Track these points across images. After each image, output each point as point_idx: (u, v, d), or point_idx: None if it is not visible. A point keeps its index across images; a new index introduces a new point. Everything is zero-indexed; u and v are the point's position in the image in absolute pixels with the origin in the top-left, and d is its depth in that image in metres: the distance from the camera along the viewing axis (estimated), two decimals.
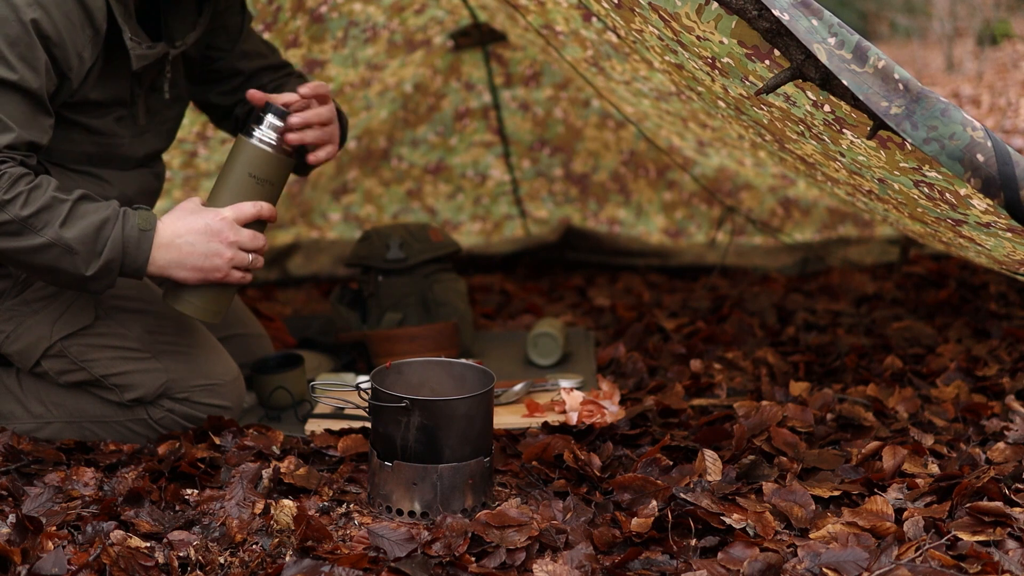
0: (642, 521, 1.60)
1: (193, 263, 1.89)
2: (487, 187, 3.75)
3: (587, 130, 3.61)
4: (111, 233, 1.82)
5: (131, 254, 1.85)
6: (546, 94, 3.52)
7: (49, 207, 1.79)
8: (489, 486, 1.75)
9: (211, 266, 1.90)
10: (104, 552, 1.50)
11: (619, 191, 3.75)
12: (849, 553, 1.49)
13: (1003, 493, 1.66)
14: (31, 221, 1.78)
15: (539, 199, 3.80)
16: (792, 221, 3.70)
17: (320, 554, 1.53)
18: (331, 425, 2.09)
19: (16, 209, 1.77)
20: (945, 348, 2.51)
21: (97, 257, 1.82)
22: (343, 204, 3.69)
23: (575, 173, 3.73)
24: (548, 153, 3.69)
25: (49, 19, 1.78)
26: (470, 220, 3.83)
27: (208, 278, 1.91)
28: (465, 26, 3.26)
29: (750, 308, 3.01)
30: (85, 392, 2.05)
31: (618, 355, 2.54)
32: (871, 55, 1.44)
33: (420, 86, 3.45)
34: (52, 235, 1.79)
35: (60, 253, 1.80)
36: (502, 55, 3.41)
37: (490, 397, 1.74)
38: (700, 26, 1.60)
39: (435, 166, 3.68)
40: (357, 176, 3.63)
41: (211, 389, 2.06)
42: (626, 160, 3.68)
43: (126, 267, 1.86)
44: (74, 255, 1.81)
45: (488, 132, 3.62)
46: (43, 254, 1.81)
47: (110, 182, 2.03)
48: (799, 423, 2.01)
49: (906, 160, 1.61)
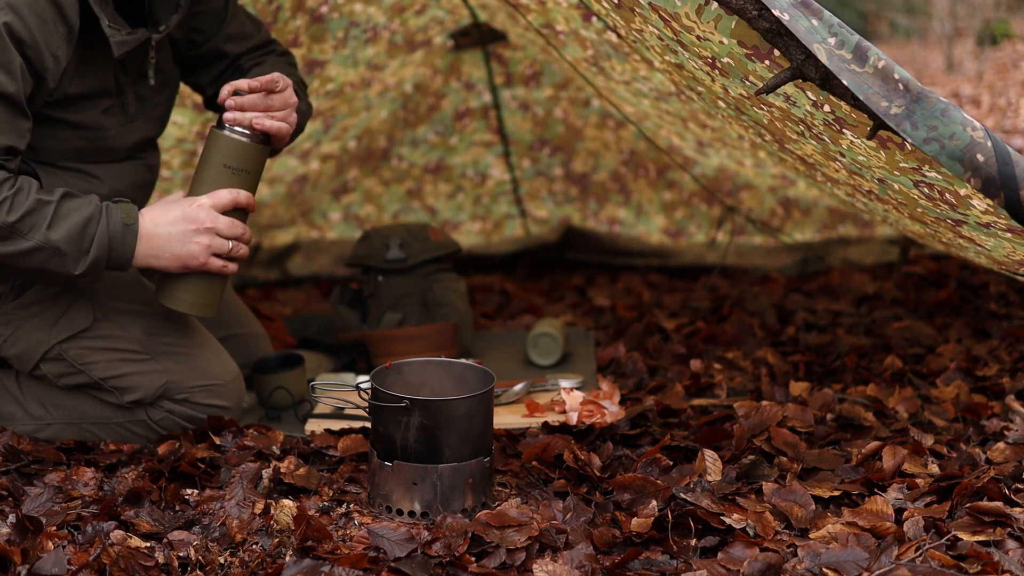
0: (642, 521, 1.60)
1: (172, 251, 1.91)
2: (487, 187, 3.75)
3: (587, 130, 3.61)
4: (96, 230, 1.84)
5: (116, 249, 1.87)
6: (546, 94, 3.52)
7: (35, 210, 1.80)
8: (489, 486, 1.75)
9: (188, 253, 1.91)
10: (104, 552, 1.50)
11: (619, 191, 3.75)
12: (849, 553, 1.49)
13: (1003, 493, 1.66)
14: (18, 226, 1.79)
15: (539, 199, 3.80)
16: (792, 221, 3.70)
17: (320, 554, 1.53)
18: (331, 425, 2.09)
19: (3, 215, 1.77)
20: (945, 348, 2.51)
21: (85, 255, 1.84)
22: (343, 204, 3.69)
23: (575, 173, 3.73)
24: (548, 153, 3.69)
25: (21, 22, 1.77)
26: (470, 220, 3.83)
27: (188, 265, 1.93)
28: (465, 26, 3.26)
29: (750, 308, 3.01)
30: (84, 394, 2.05)
31: (618, 355, 2.54)
32: (871, 55, 1.44)
33: (420, 86, 3.45)
34: (40, 238, 1.80)
35: (49, 255, 1.82)
36: (502, 55, 3.41)
37: (490, 397, 1.74)
38: (700, 26, 1.60)
39: (435, 166, 3.68)
40: (357, 176, 3.63)
41: (211, 390, 2.06)
42: (626, 160, 3.68)
43: (112, 261, 1.88)
44: (63, 256, 1.82)
45: (488, 132, 3.62)
46: (32, 257, 1.82)
47: (100, 178, 2.01)
48: (799, 423, 2.01)
49: (906, 160, 1.61)
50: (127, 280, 2.08)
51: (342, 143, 3.51)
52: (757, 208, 3.67)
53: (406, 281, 2.65)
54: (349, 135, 3.51)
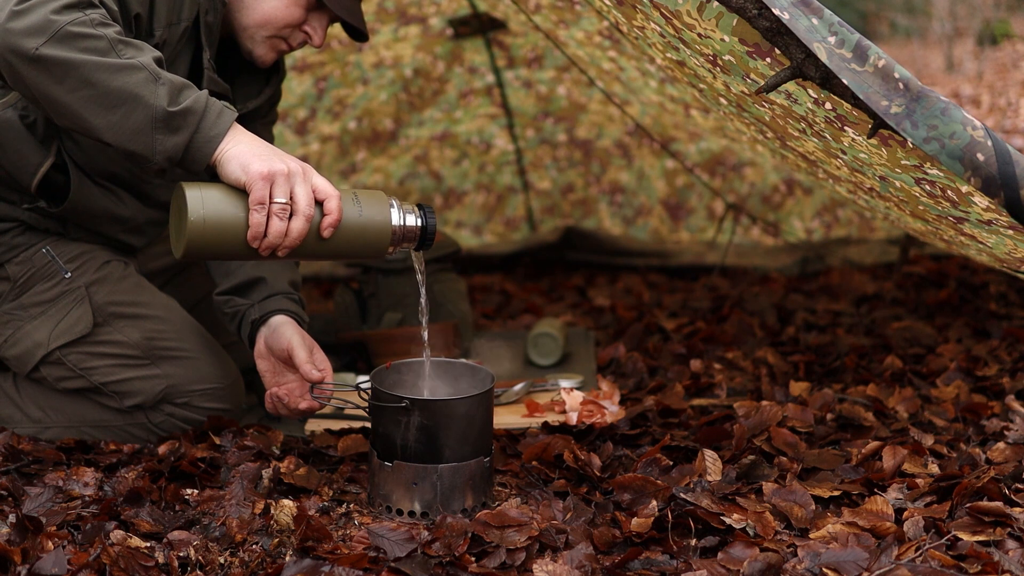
0: (642, 521, 1.60)
1: (259, 152, 1.63)
2: (491, 155, 3.78)
3: (591, 105, 3.62)
4: (194, 92, 1.66)
5: (210, 119, 1.64)
6: (549, 75, 3.53)
7: (139, 47, 1.67)
8: (489, 486, 1.75)
9: (269, 168, 1.61)
10: (104, 552, 1.50)
11: (622, 156, 3.76)
12: (849, 553, 1.49)
13: (1003, 493, 1.66)
14: (121, 48, 1.63)
15: (543, 167, 3.81)
16: (794, 198, 3.70)
17: (320, 554, 1.53)
18: (331, 425, 2.09)
19: (110, 32, 1.65)
20: (945, 348, 2.51)
21: (178, 99, 1.63)
22: (351, 183, 3.71)
23: (579, 138, 3.75)
24: (552, 122, 3.71)
25: None
26: (475, 189, 3.84)
27: (264, 171, 1.60)
28: (464, 16, 3.26)
29: (750, 308, 3.01)
30: (84, 398, 2.05)
31: (618, 355, 2.54)
32: (871, 54, 1.44)
33: (421, 71, 3.46)
34: (143, 61, 1.63)
35: (146, 79, 1.61)
36: (503, 41, 3.42)
37: (490, 397, 1.74)
38: (701, 24, 1.60)
39: (441, 133, 3.70)
40: (366, 157, 3.65)
41: (211, 393, 2.05)
42: (630, 132, 3.69)
43: (202, 131, 1.63)
44: (159, 84, 1.62)
45: (492, 106, 3.64)
46: (126, 75, 1.61)
47: (126, 204, 2.04)
48: (799, 423, 2.00)
49: (907, 158, 1.61)
50: (127, 283, 2.07)
51: (342, 123, 3.52)
52: (760, 183, 3.68)
53: (406, 281, 2.65)
54: (349, 115, 3.52)
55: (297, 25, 2.00)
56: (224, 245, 1.63)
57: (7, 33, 1.60)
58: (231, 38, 2.03)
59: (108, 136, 1.63)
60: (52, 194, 1.99)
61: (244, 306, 2.05)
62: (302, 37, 2.02)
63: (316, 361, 1.93)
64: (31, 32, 1.60)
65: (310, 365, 1.91)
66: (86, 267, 2.04)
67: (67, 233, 2.05)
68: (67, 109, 1.63)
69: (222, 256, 1.67)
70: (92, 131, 1.64)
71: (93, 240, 2.08)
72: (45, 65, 1.60)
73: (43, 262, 2.02)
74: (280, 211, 1.61)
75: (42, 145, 1.93)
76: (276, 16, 1.97)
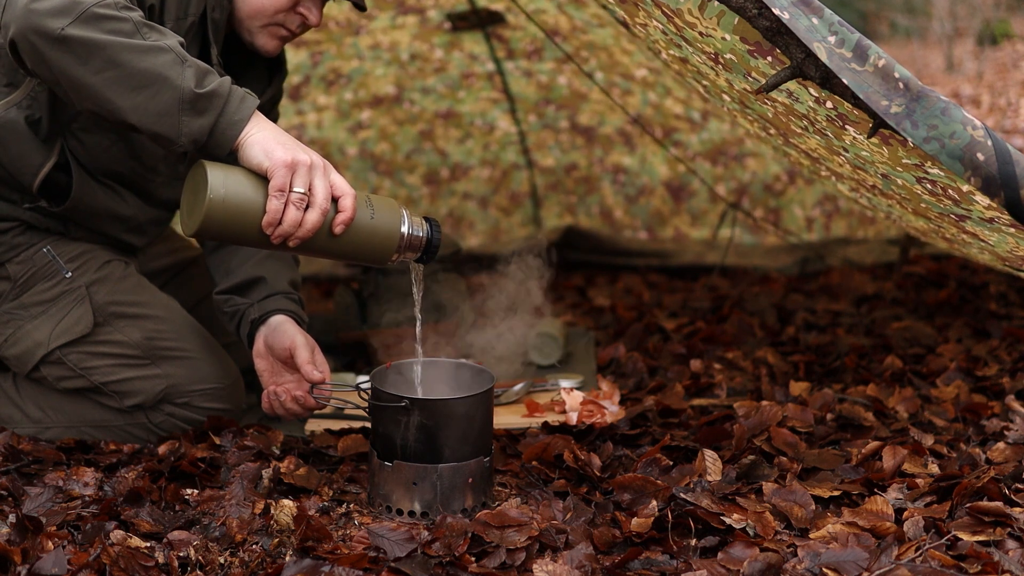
0: (642, 521, 1.60)
1: (282, 140, 1.64)
2: (495, 136, 3.80)
3: (592, 94, 3.63)
4: (217, 77, 1.66)
5: (235, 103, 1.64)
6: (549, 67, 3.54)
7: (162, 31, 1.67)
8: (489, 486, 1.74)
9: (292, 157, 1.61)
10: (104, 552, 1.50)
11: (624, 143, 3.77)
12: (849, 553, 1.49)
13: (1003, 493, 1.66)
14: (146, 31, 1.63)
15: (546, 148, 3.83)
16: (795, 187, 3.70)
17: (320, 554, 1.53)
18: (331, 425, 2.09)
19: (135, 15, 1.65)
20: (945, 348, 2.51)
21: (203, 82, 1.63)
22: (359, 139, 3.72)
23: (581, 124, 3.75)
24: (554, 109, 3.72)
25: None
26: (480, 165, 3.85)
27: (287, 159, 1.61)
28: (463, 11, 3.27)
29: (750, 308, 3.01)
30: (84, 398, 2.05)
31: (618, 355, 2.54)
32: (871, 53, 1.44)
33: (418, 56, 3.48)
34: (169, 43, 1.63)
35: (172, 60, 1.62)
36: (502, 34, 3.43)
37: (490, 397, 1.74)
38: (703, 22, 1.60)
39: (445, 112, 3.72)
40: (372, 116, 3.66)
41: (211, 393, 2.06)
42: (632, 121, 3.70)
43: (227, 114, 1.63)
44: (186, 66, 1.62)
45: (494, 91, 3.65)
46: (153, 56, 1.61)
47: (128, 203, 2.04)
48: (799, 423, 2.00)
49: (909, 156, 1.61)
50: (128, 283, 2.07)
51: (338, 95, 3.53)
52: (762, 172, 3.68)
53: (406, 281, 2.65)
54: (345, 87, 3.52)
55: (290, 8, 2.00)
56: (238, 227, 1.63)
57: (31, 14, 1.60)
58: (234, 35, 2.03)
59: (133, 117, 1.62)
60: (53, 194, 1.99)
61: (244, 305, 2.05)
62: (299, 20, 2.02)
63: (317, 362, 1.93)
64: (56, 13, 1.59)
65: (311, 366, 1.91)
66: (87, 267, 2.04)
67: (68, 233, 2.05)
68: (91, 91, 1.62)
69: (232, 239, 1.67)
70: (116, 113, 1.63)
71: (94, 240, 2.08)
72: (70, 46, 1.60)
73: (44, 262, 2.02)
74: (298, 200, 1.61)
75: (45, 145, 1.93)
76: (265, 3, 1.98)
